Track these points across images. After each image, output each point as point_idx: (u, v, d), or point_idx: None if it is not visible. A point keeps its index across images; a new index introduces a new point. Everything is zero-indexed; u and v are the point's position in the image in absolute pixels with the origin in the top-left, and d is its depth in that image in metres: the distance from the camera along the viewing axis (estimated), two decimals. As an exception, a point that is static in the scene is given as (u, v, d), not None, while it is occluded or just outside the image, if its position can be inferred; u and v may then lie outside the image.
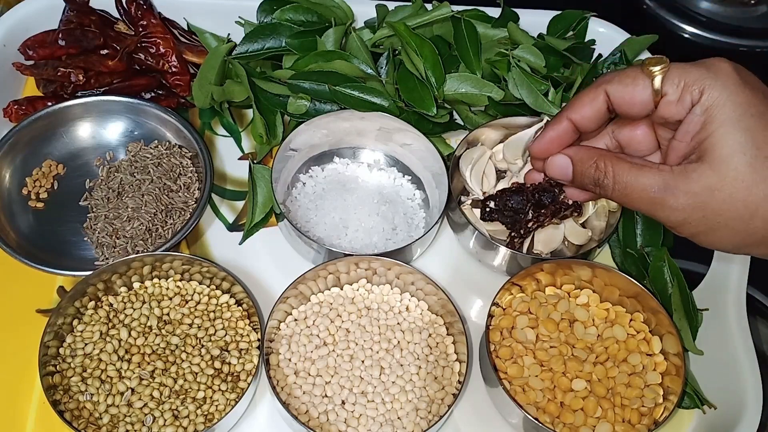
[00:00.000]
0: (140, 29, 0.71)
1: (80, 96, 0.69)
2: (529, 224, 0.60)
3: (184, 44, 0.73)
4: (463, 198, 0.67)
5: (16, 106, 0.68)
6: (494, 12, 0.73)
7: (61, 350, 0.57)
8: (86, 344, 0.57)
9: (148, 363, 0.56)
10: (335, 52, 0.67)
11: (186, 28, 0.75)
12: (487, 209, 0.61)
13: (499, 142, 0.68)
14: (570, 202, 0.60)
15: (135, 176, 0.66)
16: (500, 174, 0.68)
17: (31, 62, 0.70)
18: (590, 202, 0.66)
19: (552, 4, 0.76)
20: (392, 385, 0.57)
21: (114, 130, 0.70)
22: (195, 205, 0.66)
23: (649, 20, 0.86)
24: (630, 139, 0.52)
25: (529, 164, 0.67)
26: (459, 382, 0.57)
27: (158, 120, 0.70)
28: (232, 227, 0.68)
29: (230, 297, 0.60)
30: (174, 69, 0.71)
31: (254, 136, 0.70)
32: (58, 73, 0.68)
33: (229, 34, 0.73)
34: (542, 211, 0.59)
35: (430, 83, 0.66)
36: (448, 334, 0.60)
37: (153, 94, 0.72)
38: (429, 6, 0.72)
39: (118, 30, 0.72)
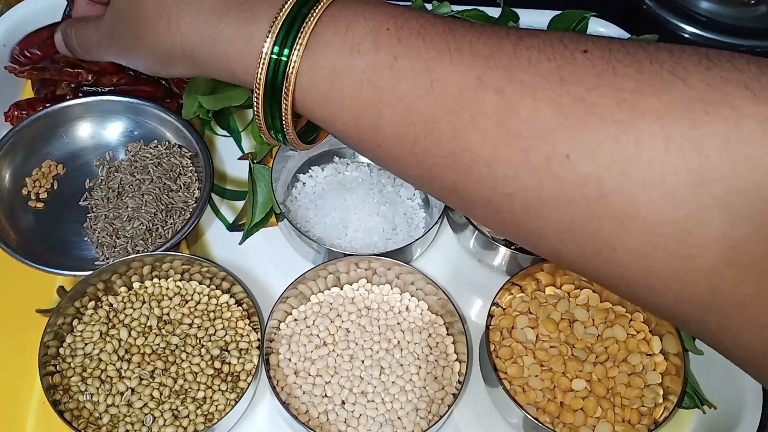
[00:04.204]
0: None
1: (80, 96, 0.69)
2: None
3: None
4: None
5: (17, 111, 0.68)
6: (494, 12, 0.73)
7: (61, 350, 0.57)
8: (86, 344, 0.57)
9: (148, 363, 0.56)
10: (335, 52, 0.67)
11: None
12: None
13: None
14: None
15: (135, 176, 0.66)
16: None
17: (27, 63, 0.70)
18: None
19: (552, 4, 0.76)
20: (392, 385, 0.57)
21: (114, 130, 0.70)
22: (195, 204, 0.66)
23: (649, 20, 0.86)
24: None
25: None
26: (459, 382, 0.57)
27: (158, 120, 0.69)
28: (232, 227, 0.67)
29: (230, 297, 0.60)
30: (174, 69, 0.71)
31: (254, 136, 0.70)
32: (64, 73, 0.68)
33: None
34: None
35: (430, 83, 0.66)
36: (448, 334, 0.60)
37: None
38: (429, 6, 0.72)
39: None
